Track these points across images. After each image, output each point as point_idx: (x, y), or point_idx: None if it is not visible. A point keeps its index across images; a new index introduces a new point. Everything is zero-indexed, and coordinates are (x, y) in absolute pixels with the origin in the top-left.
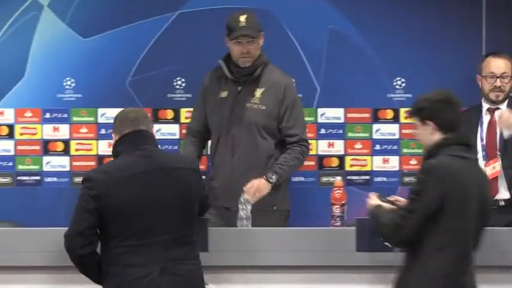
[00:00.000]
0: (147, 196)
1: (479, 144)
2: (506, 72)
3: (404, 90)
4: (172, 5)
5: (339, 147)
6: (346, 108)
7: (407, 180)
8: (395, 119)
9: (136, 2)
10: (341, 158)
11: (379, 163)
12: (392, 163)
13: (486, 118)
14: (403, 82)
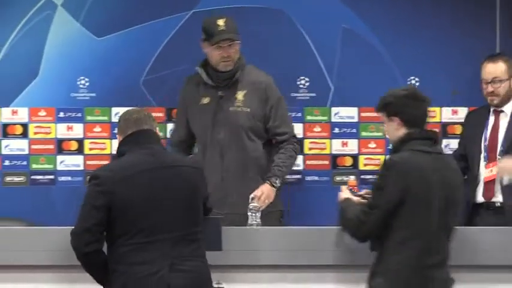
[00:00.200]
0: (153, 194)
1: (482, 144)
2: (498, 77)
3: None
4: (186, 4)
5: (352, 146)
6: (359, 107)
7: None
8: None
9: (150, 1)
10: (355, 157)
11: None
12: None
13: (491, 120)
14: (417, 81)
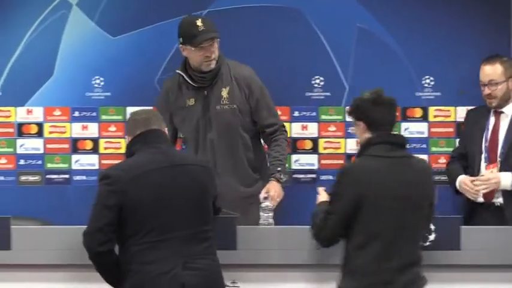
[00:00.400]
0: (163, 192)
1: (483, 145)
2: (494, 80)
3: (433, 89)
4: (200, 3)
5: None
6: None
7: (436, 178)
8: (424, 118)
9: (164, 0)
10: None
11: None
12: None
13: (491, 120)
14: (432, 81)
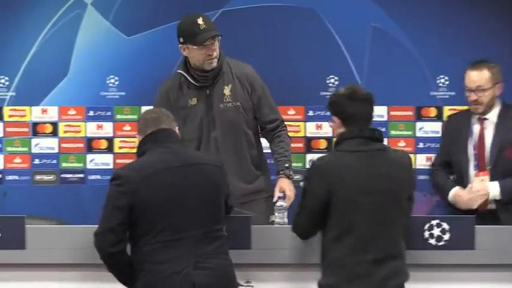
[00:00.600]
0: (174, 192)
1: (472, 153)
2: (481, 86)
3: (448, 88)
4: (215, 3)
5: None
6: (389, 106)
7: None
8: (438, 117)
9: (179, 0)
10: None
11: (422, 161)
12: None
13: (477, 128)
14: (447, 80)
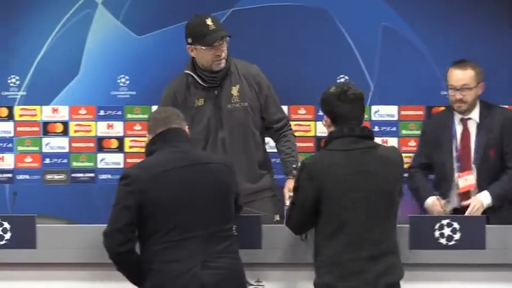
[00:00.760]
0: (184, 191)
1: (454, 154)
2: (467, 84)
3: None
4: (225, 2)
5: (392, 144)
6: (399, 105)
7: None
8: None
9: None
10: None
11: None
12: None
13: (459, 128)
14: None
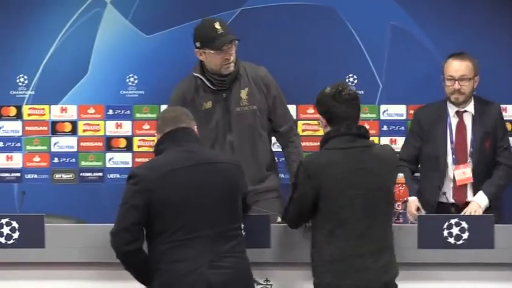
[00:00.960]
0: (191, 190)
1: (449, 146)
2: (466, 75)
3: None
4: (234, 2)
5: (401, 143)
6: (408, 105)
7: None
8: None
9: None
10: None
11: None
12: None
13: (454, 121)
14: None
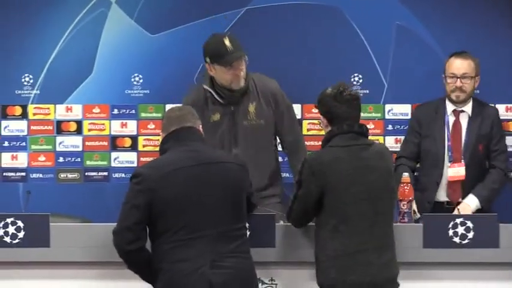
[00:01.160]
0: (194, 190)
1: (446, 144)
2: (467, 73)
3: None
4: (239, 1)
5: None
6: (413, 104)
7: None
8: None
9: None
10: None
11: None
12: None
13: (451, 119)
14: None
